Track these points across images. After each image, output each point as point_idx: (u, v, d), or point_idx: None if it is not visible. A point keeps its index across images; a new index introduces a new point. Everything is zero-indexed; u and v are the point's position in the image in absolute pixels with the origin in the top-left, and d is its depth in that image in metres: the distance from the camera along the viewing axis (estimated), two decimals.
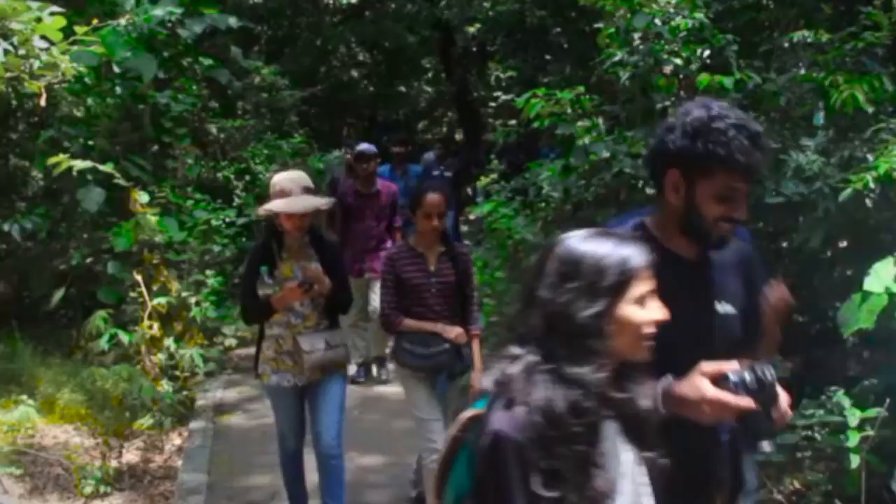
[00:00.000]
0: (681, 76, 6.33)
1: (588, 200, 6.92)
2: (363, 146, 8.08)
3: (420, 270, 4.79)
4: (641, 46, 6.31)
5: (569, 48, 14.22)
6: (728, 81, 5.82)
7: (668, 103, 6.35)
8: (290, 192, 4.54)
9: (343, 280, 4.85)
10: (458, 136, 24.20)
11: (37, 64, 6.19)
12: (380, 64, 23.34)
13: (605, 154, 6.25)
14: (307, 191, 4.59)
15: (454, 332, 4.74)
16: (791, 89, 6.03)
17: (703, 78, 5.85)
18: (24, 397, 6.58)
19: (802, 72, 6.12)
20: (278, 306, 4.61)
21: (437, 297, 4.79)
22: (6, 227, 8.17)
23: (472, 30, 20.27)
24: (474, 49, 20.65)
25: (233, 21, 9.83)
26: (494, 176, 9.69)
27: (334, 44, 21.22)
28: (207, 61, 10.65)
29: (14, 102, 8.56)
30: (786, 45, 6.49)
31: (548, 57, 15.06)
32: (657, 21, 6.25)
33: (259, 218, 8.37)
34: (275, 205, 4.51)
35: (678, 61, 6.17)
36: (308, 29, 21.23)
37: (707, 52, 6.35)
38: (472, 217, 9.68)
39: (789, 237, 5.73)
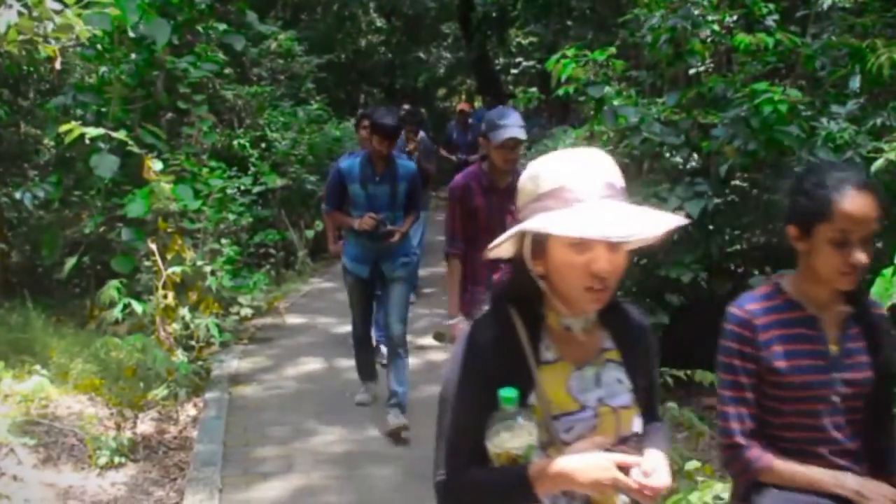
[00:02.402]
0: (716, 41, 6.16)
1: None
2: (510, 121, 4.80)
3: None
4: (680, 9, 6.12)
5: (591, 13, 13.99)
6: (769, 40, 5.64)
7: (700, 68, 6.19)
8: (589, 196, 1.88)
9: None
10: (478, 104, 24.00)
11: (50, 26, 6.04)
12: (398, 30, 23.10)
13: (635, 118, 6.07)
14: (620, 193, 1.91)
15: None
16: (827, 53, 5.85)
17: (742, 38, 5.68)
18: (38, 367, 6.52)
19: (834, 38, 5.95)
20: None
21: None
22: (18, 196, 8.10)
23: None
24: (494, 14, 20.35)
25: None
26: None
27: (352, 9, 20.99)
28: (222, 27, 10.49)
29: (27, 68, 8.44)
30: (822, 9, 6.30)
31: (569, 23, 14.84)
32: None
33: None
34: (576, 226, 1.79)
35: (715, 26, 5.99)
36: None
37: (739, 18, 6.19)
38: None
39: None
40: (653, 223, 1.80)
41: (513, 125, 4.71)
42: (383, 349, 7.17)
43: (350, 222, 6.13)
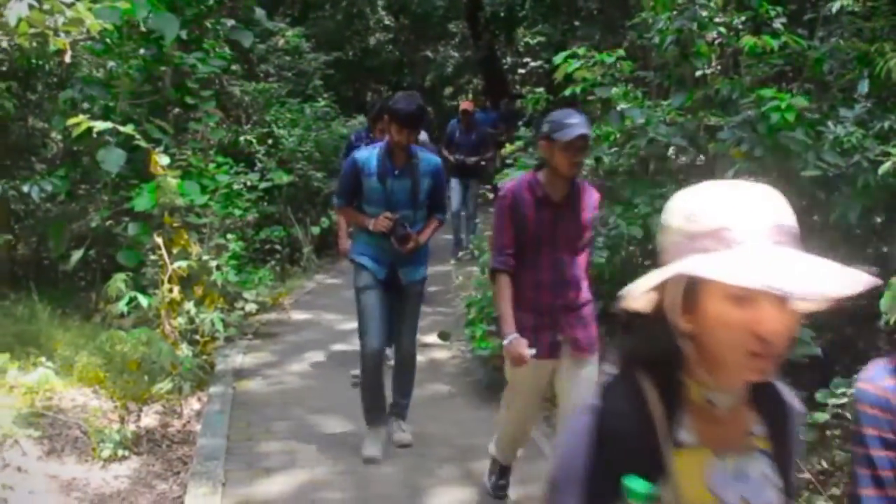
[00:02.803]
0: (722, 43, 6.16)
1: (618, 170, 6.77)
2: (577, 119, 4.27)
3: None
4: (686, 11, 6.12)
5: (599, 13, 13.98)
6: (774, 43, 5.64)
7: (707, 70, 6.19)
8: (757, 240, 1.45)
9: None
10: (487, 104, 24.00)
11: (61, 20, 6.07)
12: (406, 28, 23.10)
13: (641, 120, 6.08)
14: (794, 239, 1.49)
15: None
16: (834, 57, 5.85)
17: (748, 40, 5.68)
18: (43, 359, 6.54)
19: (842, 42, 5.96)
20: None
21: None
22: (25, 189, 8.12)
23: None
24: (502, 14, 20.34)
25: None
26: (521, 143, 9.49)
27: (361, 7, 21.00)
28: (230, 22, 10.51)
29: (36, 61, 8.46)
30: (830, 12, 6.30)
31: (577, 23, 14.83)
32: None
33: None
34: (746, 273, 1.39)
35: (722, 29, 5.99)
36: None
37: (747, 21, 6.19)
38: (499, 185, 9.56)
39: (824, 211, 5.57)
40: (842, 279, 1.41)
41: (581, 123, 4.18)
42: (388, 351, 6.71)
43: (364, 221, 5.44)
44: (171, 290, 7.17)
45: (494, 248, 4.41)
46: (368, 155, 5.44)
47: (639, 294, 1.54)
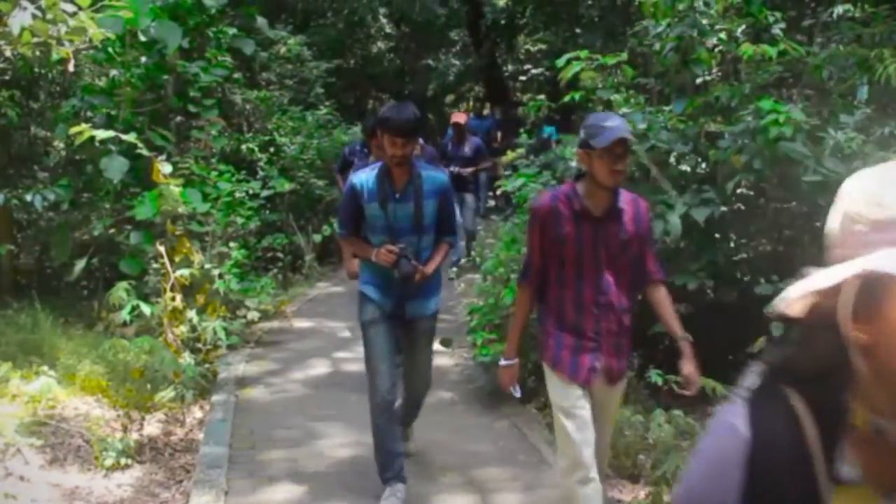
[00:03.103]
0: (723, 50, 6.18)
1: None
2: (615, 122, 3.87)
3: None
4: (686, 18, 6.14)
5: (600, 21, 14.01)
6: (772, 51, 5.65)
7: (707, 77, 6.20)
8: None
9: None
10: (485, 111, 24.03)
11: (64, 29, 6.08)
12: (407, 36, 23.14)
13: (642, 126, 6.10)
14: None
15: None
16: (834, 63, 5.87)
17: (747, 48, 5.69)
18: (45, 368, 6.54)
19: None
20: None
21: None
22: (28, 197, 8.14)
23: (501, 2, 20.03)
24: (503, 22, 20.39)
25: None
26: (522, 150, 9.51)
27: (362, 15, 21.03)
28: (232, 31, 10.54)
29: (39, 70, 8.49)
30: (829, 18, 6.31)
31: (578, 30, 14.86)
32: None
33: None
34: None
35: (722, 35, 6.01)
36: None
37: (747, 28, 6.21)
38: (499, 192, 9.55)
39: (825, 218, 5.58)
40: None
41: (620, 126, 3.74)
42: None
43: (368, 252, 4.83)
44: (173, 299, 7.18)
45: (523, 262, 4.22)
46: (366, 178, 4.82)
47: (799, 297, 1.25)
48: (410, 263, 4.73)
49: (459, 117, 12.74)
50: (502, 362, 4.19)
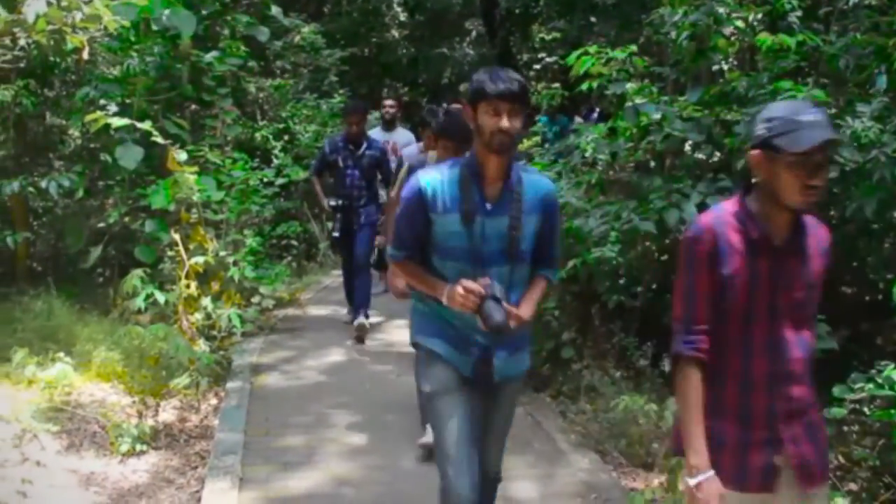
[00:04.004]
0: (739, 38, 6.14)
1: (633, 165, 6.77)
2: (814, 116, 2.67)
3: None
4: (703, 6, 6.10)
5: (615, 9, 13.95)
6: (790, 41, 5.62)
7: (724, 66, 6.17)
8: None
9: None
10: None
11: (79, 16, 6.10)
12: (422, 25, 23.09)
13: (656, 116, 6.07)
14: None
15: None
16: (851, 51, 5.83)
17: (764, 37, 5.65)
18: (62, 355, 6.56)
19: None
20: None
21: None
22: (44, 185, 8.17)
23: None
24: (518, 10, 20.31)
25: None
26: (537, 139, 9.50)
27: (376, 3, 21.02)
28: (246, 19, 10.54)
29: (54, 59, 8.51)
30: (845, 6, 6.27)
31: (593, 19, 14.80)
32: None
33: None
34: None
35: (739, 23, 5.96)
36: None
37: (764, 16, 6.17)
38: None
39: (841, 206, 5.56)
40: None
41: (822, 122, 2.58)
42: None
43: (438, 290, 3.43)
44: (188, 286, 7.20)
45: (678, 320, 2.77)
46: (441, 178, 3.43)
47: None
48: (501, 307, 3.27)
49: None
50: (694, 480, 2.67)
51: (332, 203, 8.44)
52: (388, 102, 10.52)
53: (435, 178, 3.42)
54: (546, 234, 3.51)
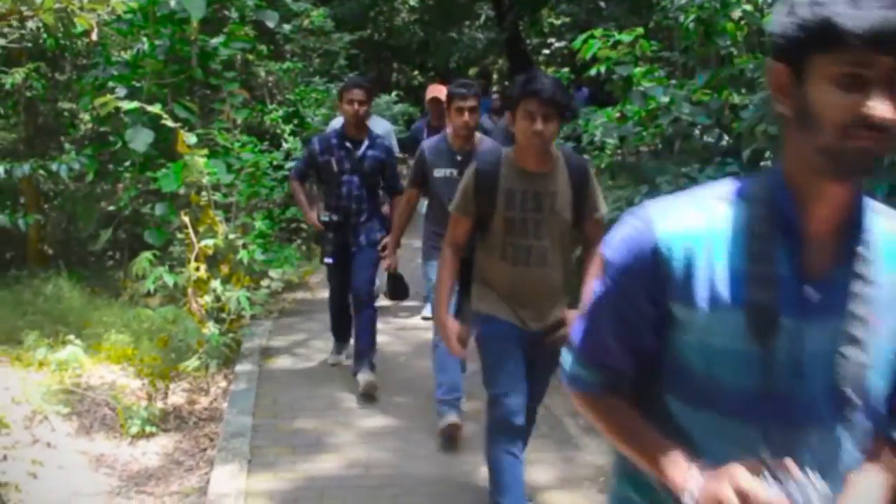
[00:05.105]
0: (747, 22, 6.11)
1: (641, 149, 6.76)
2: None
3: None
4: None
5: None
6: None
7: (732, 50, 6.14)
8: None
9: None
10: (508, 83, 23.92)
11: None
12: (431, 9, 23.04)
13: (664, 99, 6.06)
14: None
15: None
16: None
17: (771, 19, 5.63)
18: (72, 337, 6.61)
19: None
20: None
21: None
22: (54, 168, 8.19)
23: None
24: None
25: None
26: None
27: None
28: (255, 2, 10.52)
29: (64, 42, 8.52)
30: None
31: (602, 3, 14.74)
32: None
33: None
34: None
35: (746, 6, 5.93)
36: None
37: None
38: None
39: None
40: None
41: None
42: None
43: (670, 465, 1.61)
44: (197, 269, 7.23)
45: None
46: (711, 227, 1.60)
47: None
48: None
49: (438, 91, 7.99)
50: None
51: (325, 219, 6.54)
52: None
53: (694, 223, 1.58)
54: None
